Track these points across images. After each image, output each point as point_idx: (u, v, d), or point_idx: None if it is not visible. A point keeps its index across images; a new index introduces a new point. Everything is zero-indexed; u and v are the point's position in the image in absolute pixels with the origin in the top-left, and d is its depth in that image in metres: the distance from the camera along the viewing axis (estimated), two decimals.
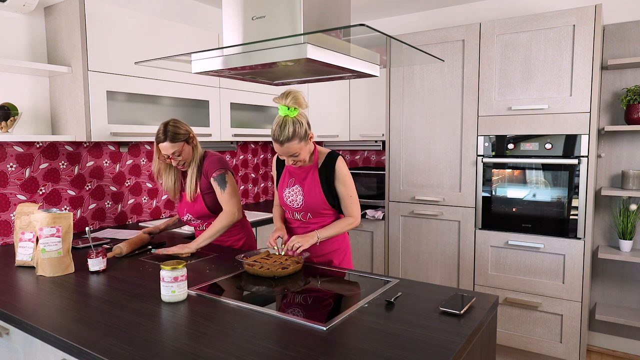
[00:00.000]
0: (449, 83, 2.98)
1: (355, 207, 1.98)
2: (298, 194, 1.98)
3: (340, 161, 1.95)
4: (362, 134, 3.58)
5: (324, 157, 1.96)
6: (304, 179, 1.97)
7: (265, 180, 4.02)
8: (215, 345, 1.15)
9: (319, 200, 1.95)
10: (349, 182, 1.96)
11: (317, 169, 1.95)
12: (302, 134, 1.79)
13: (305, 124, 1.82)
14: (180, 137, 2.06)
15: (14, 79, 2.35)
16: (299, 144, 1.80)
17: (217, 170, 2.12)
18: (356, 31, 1.54)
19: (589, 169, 2.58)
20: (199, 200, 2.17)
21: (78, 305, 1.44)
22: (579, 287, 2.63)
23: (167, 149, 2.06)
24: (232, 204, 2.10)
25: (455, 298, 1.45)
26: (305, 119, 1.83)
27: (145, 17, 2.54)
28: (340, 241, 2.07)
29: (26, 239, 1.89)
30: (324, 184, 1.94)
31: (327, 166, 1.94)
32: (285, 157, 1.86)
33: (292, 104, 1.77)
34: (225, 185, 2.11)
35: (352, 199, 1.97)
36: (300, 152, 1.83)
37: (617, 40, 2.83)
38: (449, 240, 3.05)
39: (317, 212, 1.98)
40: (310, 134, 1.86)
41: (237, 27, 1.73)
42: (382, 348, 1.13)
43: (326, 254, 2.03)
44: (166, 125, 2.07)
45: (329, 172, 1.94)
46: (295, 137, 1.78)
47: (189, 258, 2.00)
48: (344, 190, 1.95)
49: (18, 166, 2.37)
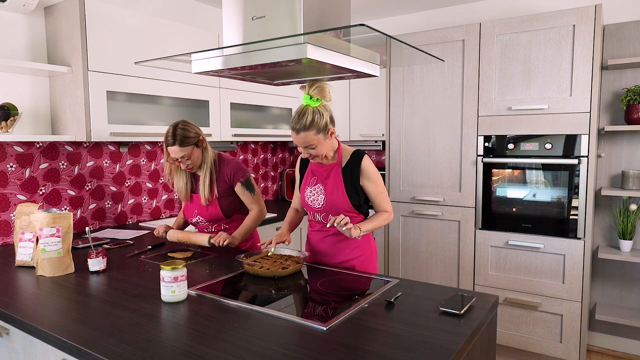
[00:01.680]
0: (449, 83, 2.98)
1: (387, 203, 1.94)
2: (320, 193, 1.92)
3: (366, 159, 1.90)
4: (362, 134, 3.58)
5: (349, 156, 1.91)
6: (327, 177, 1.91)
7: (265, 180, 4.02)
8: (215, 345, 1.15)
9: (341, 200, 1.88)
10: (378, 179, 1.92)
11: (340, 168, 1.90)
12: (322, 126, 1.75)
13: (327, 117, 1.77)
14: (190, 141, 2.04)
15: (14, 79, 2.35)
16: (317, 135, 1.75)
17: (243, 176, 2.18)
18: (356, 31, 1.54)
19: (589, 169, 2.58)
20: (214, 203, 2.18)
21: (78, 305, 1.44)
22: (579, 287, 2.63)
23: (175, 152, 2.04)
24: (261, 204, 2.23)
25: (455, 298, 1.45)
26: (328, 112, 1.79)
27: (145, 17, 2.54)
28: (365, 246, 1.97)
29: (26, 239, 1.88)
30: (348, 184, 1.88)
31: (353, 165, 1.89)
32: (302, 150, 1.81)
33: (316, 94, 1.75)
34: (253, 189, 2.21)
35: (383, 195, 1.93)
36: (318, 145, 1.78)
37: (617, 40, 2.83)
38: (449, 240, 3.05)
39: (339, 213, 1.88)
40: (332, 129, 1.80)
41: (237, 27, 1.73)
42: (382, 348, 1.13)
43: (351, 260, 1.95)
44: (175, 127, 2.04)
45: (355, 172, 1.88)
46: (313, 128, 1.73)
47: (189, 258, 2.00)
48: (374, 187, 1.91)
49: (18, 166, 2.37)
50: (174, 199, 3.20)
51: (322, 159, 1.86)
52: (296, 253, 1.90)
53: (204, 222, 2.24)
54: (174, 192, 3.20)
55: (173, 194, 3.20)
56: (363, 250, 1.97)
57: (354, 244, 1.95)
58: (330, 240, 1.96)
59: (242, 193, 2.19)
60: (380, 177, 1.94)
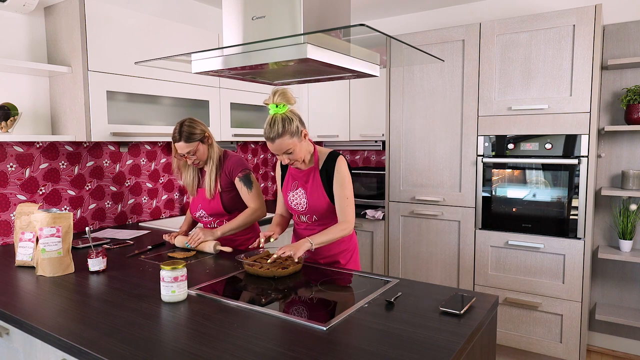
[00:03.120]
0: (449, 83, 2.98)
1: (350, 210, 1.90)
2: (302, 197, 1.95)
3: (340, 160, 1.91)
4: (362, 134, 3.58)
5: (325, 158, 1.94)
6: (306, 181, 1.95)
7: (265, 180, 4.02)
8: (215, 345, 1.15)
9: (323, 202, 1.92)
10: (347, 182, 1.90)
11: (318, 171, 1.93)
12: (294, 130, 1.77)
13: (297, 121, 1.79)
14: (195, 137, 2.11)
15: (14, 79, 2.35)
16: (291, 139, 1.78)
17: (242, 171, 2.20)
18: (356, 31, 1.54)
19: (589, 169, 2.58)
20: (216, 198, 2.21)
21: (78, 305, 1.44)
22: (579, 287, 2.63)
23: (182, 148, 2.12)
24: (259, 202, 2.20)
25: (455, 298, 1.45)
26: (296, 116, 1.80)
27: (145, 17, 2.54)
28: (347, 242, 2.03)
29: (26, 239, 1.88)
30: (326, 185, 1.91)
31: (328, 166, 1.91)
32: (281, 157, 1.84)
33: (280, 100, 1.76)
34: (251, 185, 2.20)
35: (348, 201, 1.89)
36: (294, 149, 1.80)
37: (617, 40, 2.83)
38: (449, 240, 3.05)
39: (322, 214, 1.94)
40: (304, 131, 1.83)
41: (237, 27, 1.73)
42: (382, 348, 1.13)
43: (333, 255, 2.00)
44: (182, 124, 2.11)
45: (330, 172, 1.91)
46: (286, 133, 1.76)
47: (189, 258, 2.00)
48: (340, 190, 1.89)
49: (18, 166, 2.37)
50: (174, 199, 3.20)
51: (301, 163, 1.89)
52: None
53: (206, 216, 2.26)
54: (173, 192, 3.20)
55: (173, 194, 3.20)
56: (347, 245, 2.02)
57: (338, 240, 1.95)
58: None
59: (240, 188, 2.21)
60: (350, 181, 1.92)
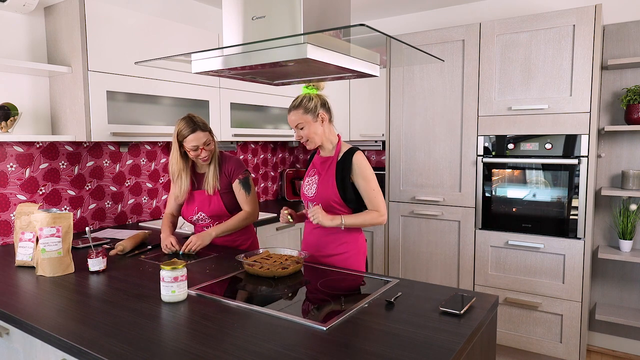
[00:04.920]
0: (449, 83, 2.98)
1: (380, 200, 1.92)
2: (313, 183, 2.00)
3: (358, 155, 1.94)
4: (362, 134, 3.57)
5: (344, 151, 1.97)
6: (323, 170, 1.99)
7: (265, 180, 4.02)
8: (215, 345, 1.15)
9: (330, 192, 1.93)
10: (370, 175, 1.93)
11: (336, 161, 1.96)
12: (310, 107, 1.89)
13: (318, 103, 1.91)
14: (207, 126, 2.13)
15: (14, 79, 2.35)
16: (305, 115, 1.89)
17: (242, 174, 2.21)
18: (356, 31, 1.54)
19: (589, 169, 2.58)
20: (217, 198, 2.19)
21: (78, 305, 1.44)
22: (579, 287, 2.63)
23: (199, 139, 2.07)
24: (254, 206, 2.21)
25: (455, 298, 1.45)
26: (320, 99, 1.93)
27: (145, 17, 2.54)
28: (352, 243, 2.00)
29: (26, 239, 1.88)
30: (339, 177, 1.93)
31: (345, 160, 1.94)
32: (294, 132, 1.95)
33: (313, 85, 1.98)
34: (249, 189, 2.21)
35: (375, 192, 1.92)
36: (305, 125, 1.90)
37: (617, 40, 2.83)
38: (449, 240, 3.05)
39: (329, 204, 1.93)
40: (322, 114, 1.92)
41: (237, 27, 1.73)
42: (382, 348, 1.13)
43: (337, 255, 1.98)
44: (190, 117, 2.10)
45: (346, 167, 1.92)
46: (301, 107, 1.90)
47: (189, 258, 2.00)
48: (364, 184, 1.92)
49: (18, 166, 2.37)
50: None
51: (312, 143, 1.95)
52: (296, 253, 1.90)
53: (205, 218, 2.23)
54: None
55: None
56: (350, 247, 1.99)
57: (341, 239, 1.97)
58: (317, 233, 2.01)
59: (238, 191, 2.20)
60: (372, 174, 1.94)
